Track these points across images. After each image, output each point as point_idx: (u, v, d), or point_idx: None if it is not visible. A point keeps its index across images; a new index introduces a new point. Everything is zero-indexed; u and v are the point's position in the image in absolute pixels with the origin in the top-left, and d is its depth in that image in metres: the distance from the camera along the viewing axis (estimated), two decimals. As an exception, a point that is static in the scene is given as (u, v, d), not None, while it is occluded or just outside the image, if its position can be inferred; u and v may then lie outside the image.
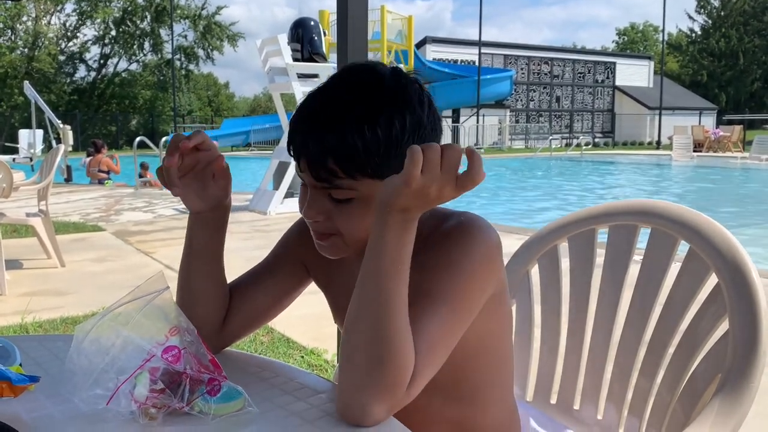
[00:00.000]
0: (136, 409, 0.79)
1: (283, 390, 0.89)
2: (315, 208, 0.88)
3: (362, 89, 0.86)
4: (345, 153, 0.83)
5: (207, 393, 0.80)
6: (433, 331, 0.82)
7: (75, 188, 12.29)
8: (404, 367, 0.77)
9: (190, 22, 41.63)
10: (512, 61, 34.64)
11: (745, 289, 1.02)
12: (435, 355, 0.82)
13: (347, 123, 0.83)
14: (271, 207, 8.08)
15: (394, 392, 0.77)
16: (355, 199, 0.86)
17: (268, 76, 8.99)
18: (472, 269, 0.86)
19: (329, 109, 0.85)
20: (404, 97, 0.86)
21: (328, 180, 0.85)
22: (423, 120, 0.86)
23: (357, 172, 0.84)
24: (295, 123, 0.88)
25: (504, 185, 14.61)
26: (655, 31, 65.04)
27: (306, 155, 0.86)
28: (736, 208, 10.47)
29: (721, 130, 26.84)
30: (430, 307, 0.83)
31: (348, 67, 0.90)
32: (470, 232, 0.88)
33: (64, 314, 3.66)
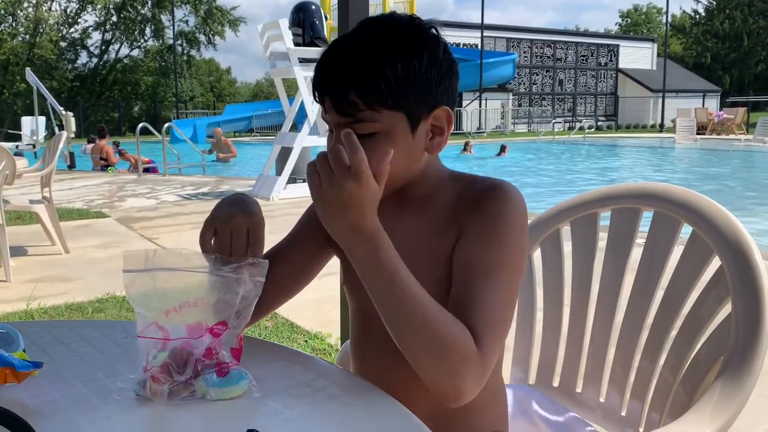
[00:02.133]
0: (147, 378, 0.80)
1: (287, 374, 0.90)
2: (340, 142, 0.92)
3: (381, 31, 0.91)
4: (366, 85, 0.87)
5: (215, 373, 0.81)
6: (493, 297, 0.87)
7: (78, 175, 12.30)
8: (460, 344, 0.82)
9: (191, 7, 41.34)
10: (515, 45, 34.39)
11: (748, 271, 1.02)
12: (499, 325, 0.87)
13: (367, 58, 0.88)
14: (273, 192, 8.07)
15: (467, 367, 0.82)
16: (378, 134, 0.90)
17: (269, 61, 8.94)
18: (516, 235, 0.91)
19: (350, 49, 0.90)
20: (421, 36, 0.91)
21: (351, 114, 0.89)
22: (438, 57, 0.91)
23: (378, 104, 0.88)
24: (318, 68, 0.92)
25: (505, 168, 14.58)
26: (658, 13, 64.46)
27: (329, 92, 0.90)
28: (739, 191, 10.44)
29: (725, 112, 26.67)
30: (486, 281, 0.88)
31: (368, 18, 0.95)
32: (506, 198, 0.93)
33: (69, 300, 3.68)
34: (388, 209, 1.00)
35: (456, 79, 0.95)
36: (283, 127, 9.03)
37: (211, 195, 8.84)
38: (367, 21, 0.94)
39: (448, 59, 0.93)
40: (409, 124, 0.90)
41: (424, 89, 0.90)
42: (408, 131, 0.91)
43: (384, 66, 0.87)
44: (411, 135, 0.91)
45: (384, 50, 0.88)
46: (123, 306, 3.55)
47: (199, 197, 8.63)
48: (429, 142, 0.94)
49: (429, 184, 0.99)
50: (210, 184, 10.09)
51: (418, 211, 0.99)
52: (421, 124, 0.92)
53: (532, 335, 1.38)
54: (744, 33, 49.52)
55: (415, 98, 0.89)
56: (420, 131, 0.92)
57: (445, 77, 0.92)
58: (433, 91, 0.91)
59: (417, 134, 0.92)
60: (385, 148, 0.88)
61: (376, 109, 0.88)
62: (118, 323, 1.15)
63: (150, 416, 0.78)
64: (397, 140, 0.90)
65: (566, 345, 1.33)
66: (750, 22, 49.40)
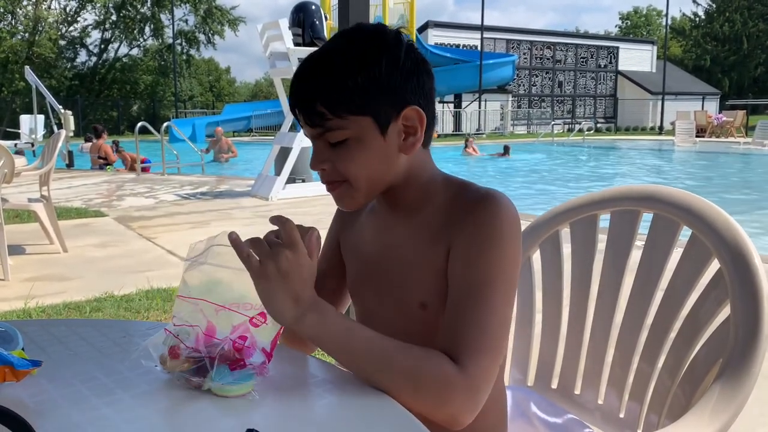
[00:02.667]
0: (166, 352, 0.83)
1: (286, 374, 0.90)
2: (318, 158, 0.95)
3: (345, 42, 0.94)
4: (329, 94, 0.90)
5: (228, 367, 0.82)
6: (482, 314, 0.87)
7: (77, 173, 12.29)
8: (436, 372, 0.84)
9: (191, 6, 41.33)
10: (514, 46, 34.41)
11: (747, 274, 1.02)
12: (490, 335, 0.87)
13: (329, 68, 0.91)
14: (273, 192, 8.07)
15: (452, 391, 0.83)
16: (349, 140, 0.92)
17: (269, 61, 8.94)
18: (507, 250, 0.91)
19: (316, 63, 0.93)
20: (381, 41, 0.93)
21: (321, 124, 0.92)
22: (400, 58, 0.92)
23: (343, 111, 0.90)
24: (291, 84, 0.96)
25: (505, 169, 14.58)
26: (658, 16, 64.54)
27: (298, 105, 0.93)
28: (738, 194, 10.45)
29: (724, 115, 26.71)
30: (476, 300, 0.88)
31: (338, 32, 0.99)
32: (497, 211, 0.92)
33: (67, 299, 3.67)
34: (382, 216, 1.03)
35: (427, 76, 0.96)
36: (283, 127, 9.03)
37: (209, 194, 8.83)
38: (335, 35, 0.97)
39: (413, 59, 0.94)
40: (378, 127, 0.92)
41: (388, 91, 0.91)
42: (378, 134, 0.92)
43: (345, 74, 0.89)
44: (382, 137, 0.92)
45: (345, 59, 0.90)
46: (121, 305, 3.55)
47: (198, 197, 8.63)
48: (402, 143, 0.95)
49: (420, 188, 0.99)
50: (209, 184, 10.08)
51: (409, 218, 1.00)
52: (391, 125, 0.93)
53: (531, 337, 1.39)
54: (744, 36, 49.58)
55: (380, 101, 0.91)
56: (391, 133, 0.93)
57: (411, 77, 0.93)
58: (399, 91, 0.92)
59: (388, 136, 0.93)
60: (358, 152, 0.92)
61: (343, 116, 0.90)
62: (116, 322, 1.15)
63: (148, 415, 0.78)
64: (369, 144, 0.92)
65: (565, 347, 1.33)
66: (750, 25, 49.46)
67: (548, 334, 1.36)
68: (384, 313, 1.01)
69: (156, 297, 3.70)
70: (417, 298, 0.97)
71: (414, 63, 0.94)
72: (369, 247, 1.06)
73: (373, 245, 1.05)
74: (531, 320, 1.38)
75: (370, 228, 1.06)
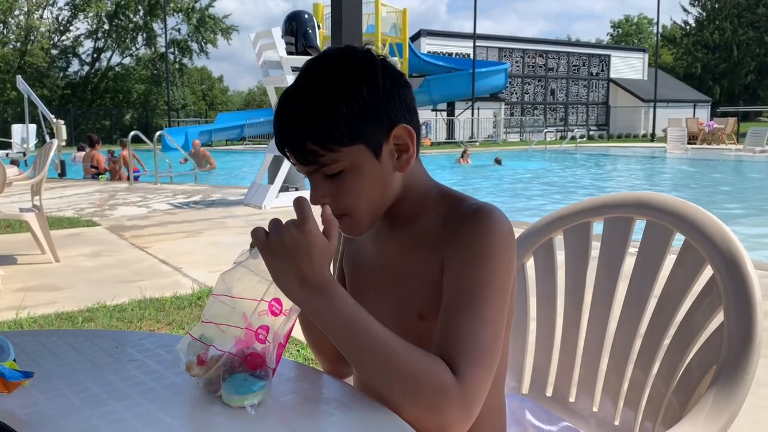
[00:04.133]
0: (193, 359, 0.83)
1: (281, 384, 0.89)
2: (318, 192, 0.94)
3: (315, 72, 0.93)
4: (317, 132, 0.89)
5: (245, 367, 0.82)
6: (475, 325, 0.87)
7: (69, 183, 12.24)
8: (433, 378, 0.82)
9: (184, 15, 41.42)
10: (507, 54, 34.58)
11: (740, 280, 1.02)
12: (483, 355, 0.86)
13: (310, 106, 0.90)
14: (266, 201, 8.06)
15: (446, 400, 0.82)
16: (346, 170, 0.92)
17: (262, 69, 8.95)
18: (500, 264, 0.91)
19: (293, 99, 0.92)
20: (354, 68, 0.92)
21: (314, 161, 0.91)
22: (378, 81, 0.92)
23: (334, 145, 0.90)
24: (274, 123, 0.95)
25: (498, 178, 14.61)
26: (649, 24, 65.04)
27: (288, 145, 0.93)
28: (730, 200, 10.51)
29: (716, 122, 26.88)
30: (468, 303, 0.88)
31: (307, 62, 0.97)
32: (490, 225, 0.92)
33: (59, 309, 3.65)
34: (380, 227, 1.03)
35: (406, 89, 0.96)
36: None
37: (202, 203, 8.81)
38: (305, 67, 0.95)
39: (390, 77, 0.94)
40: (371, 152, 0.92)
41: (374, 116, 0.91)
42: (373, 159, 0.92)
43: (329, 107, 0.88)
44: (377, 161, 0.93)
45: (324, 94, 0.90)
46: (113, 315, 3.53)
47: (191, 206, 8.61)
48: (396, 162, 0.95)
49: (415, 201, 0.99)
50: (201, 193, 10.06)
51: (406, 230, 1.00)
52: (383, 147, 0.93)
53: (526, 344, 1.38)
54: (734, 44, 50.00)
55: (369, 127, 0.91)
56: (384, 155, 0.93)
57: (392, 95, 0.93)
58: (384, 113, 0.92)
59: (383, 158, 0.93)
60: (356, 181, 0.92)
61: (335, 150, 0.90)
62: (108, 333, 1.14)
63: (141, 425, 0.77)
64: (366, 171, 0.92)
65: (559, 354, 1.33)
66: (739, 33, 49.89)
67: (543, 341, 1.36)
68: (382, 323, 1.01)
69: (149, 307, 3.68)
70: (415, 309, 0.97)
71: (392, 81, 0.94)
72: (368, 258, 1.07)
73: (372, 256, 1.06)
74: (525, 328, 1.38)
75: (370, 239, 1.06)
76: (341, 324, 0.83)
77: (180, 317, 3.50)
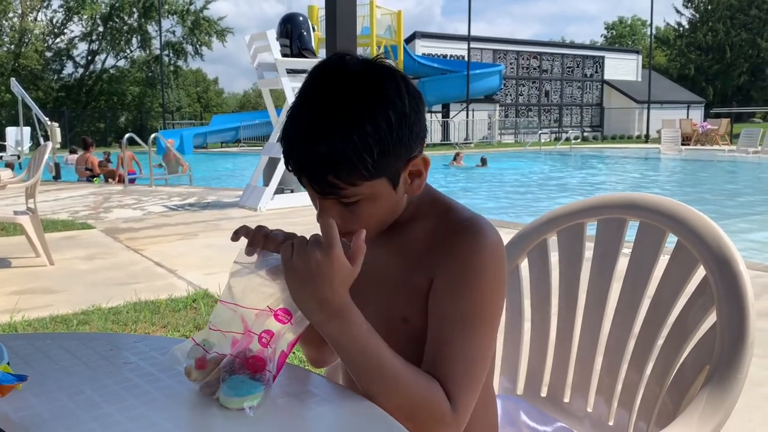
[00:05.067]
0: (191, 364, 0.83)
1: (273, 385, 0.89)
2: (327, 214, 0.91)
3: (342, 98, 0.86)
4: (341, 166, 0.85)
5: (245, 369, 0.82)
6: (467, 352, 0.88)
7: (63, 186, 12.20)
8: (434, 406, 0.85)
9: (178, 18, 41.36)
10: (501, 56, 34.62)
11: (732, 281, 1.03)
12: (473, 379, 0.89)
13: (336, 137, 0.84)
14: (261, 203, 8.06)
15: (441, 428, 0.86)
16: (363, 200, 0.90)
17: (257, 71, 8.95)
18: (490, 283, 0.91)
19: (316, 123, 0.85)
20: (382, 93, 0.86)
21: (333, 192, 0.88)
22: (406, 109, 0.87)
23: (358, 180, 0.86)
24: (287, 141, 0.89)
25: (493, 178, 14.63)
26: (643, 25, 65.18)
27: (305, 173, 0.88)
28: (724, 201, 10.54)
29: (709, 123, 26.99)
30: (460, 330, 0.89)
31: (322, 73, 0.89)
32: (479, 241, 0.91)
33: (54, 312, 3.64)
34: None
35: (424, 112, 0.93)
36: (271, 138, 9.03)
37: (197, 206, 8.80)
38: (323, 79, 0.88)
39: (414, 103, 0.89)
40: (391, 184, 0.90)
41: (398, 149, 0.88)
42: (391, 189, 0.91)
43: (353, 142, 0.83)
44: (394, 191, 0.91)
45: (351, 124, 0.83)
46: (108, 318, 3.52)
47: (186, 208, 8.59)
48: (409, 186, 0.94)
49: (411, 207, 0.99)
50: (196, 195, 10.04)
51: (395, 237, 0.99)
52: (401, 177, 0.91)
53: (520, 345, 1.39)
54: (726, 45, 50.20)
55: (393, 161, 0.88)
56: (401, 183, 0.92)
57: (416, 125, 0.89)
58: (407, 144, 0.89)
59: (399, 187, 0.92)
60: (371, 210, 0.91)
61: (357, 184, 0.87)
62: (103, 335, 1.14)
63: (136, 428, 0.77)
64: (382, 200, 0.91)
65: (554, 355, 1.33)
66: (732, 35, 50.10)
67: (537, 342, 1.36)
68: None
69: (144, 309, 3.67)
70: (399, 313, 0.97)
71: (416, 107, 0.89)
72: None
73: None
74: (520, 329, 1.38)
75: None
76: (355, 349, 0.84)
77: (175, 320, 3.49)
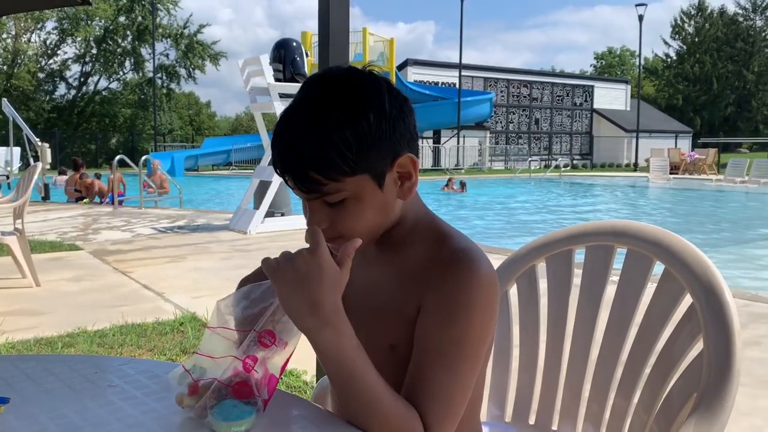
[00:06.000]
0: (184, 391, 0.83)
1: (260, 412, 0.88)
2: (316, 217, 0.92)
3: (318, 95, 0.90)
4: (321, 161, 0.86)
5: (232, 395, 0.82)
6: (446, 386, 0.88)
7: (52, 206, 12.13)
8: (404, 424, 0.85)
9: (172, 41, 41.57)
10: (492, 84, 34.99)
11: (718, 309, 1.03)
12: (452, 411, 0.88)
13: (316, 134, 0.86)
14: (251, 226, 8.03)
15: None
16: (348, 199, 0.90)
17: (249, 95, 8.99)
18: (479, 318, 0.90)
19: (298, 124, 0.89)
20: (362, 94, 0.89)
21: (316, 189, 0.88)
22: (385, 106, 0.89)
23: (338, 175, 0.87)
24: (273, 144, 0.92)
25: (483, 205, 14.68)
26: (631, 56, 66.14)
27: (289, 172, 0.89)
28: (711, 230, 10.62)
29: (697, 152, 27.29)
30: (441, 363, 0.88)
31: (307, 81, 0.94)
32: (471, 274, 0.90)
33: (38, 334, 3.59)
34: (367, 251, 1.00)
35: (410, 116, 0.94)
36: (262, 161, 9.03)
37: (187, 228, 8.76)
38: (306, 87, 0.92)
39: (398, 104, 0.91)
40: (375, 182, 0.90)
41: (379, 146, 0.88)
42: (376, 187, 0.90)
43: (333, 136, 0.85)
44: (380, 190, 0.91)
45: (330, 120, 0.86)
46: (94, 341, 3.48)
47: (175, 230, 8.55)
48: (399, 189, 0.94)
49: (407, 228, 0.98)
50: (186, 218, 10.01)
51: (391, 259, 0.98)
52: (386, 176, 0.91)
53: (509, 372, 1.38)
54: (713, 77, 51.05)
55: (374, 157, 0.88)
56: (388, 183, 0.92)
57: (398, 124, 0.91)
58: (389, 142, 0.89)
59: (386, 187, 0.91)
60: (358, 210, 0.90)
61: (339, 179, 0.87)
62: (88, 358, 1.13)
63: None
64: (368, 200, 0.90)
65: (542, 382, 1.33)
66: (719, 67, 50.98)
67: (525, 369, 1.36)
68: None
69: (130, 332, 3.63)
70: (387, 340, 0.96)
71: (398, 107, 0.91)
72: (349, 279, 1.05)
73: (353, 278, 1.03)
74: (509, 355, 1.38)
75: (356, 258, 1.01)
76: (344, 364, 0.84)
77: (162, 343, 3.46)
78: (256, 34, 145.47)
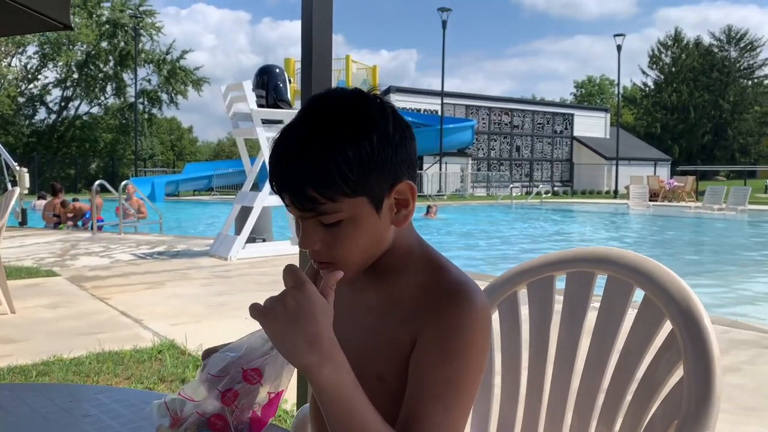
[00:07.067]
0: (163, 424, 0.82)
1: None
2: (309, 238, 0.90)
3: (326, 116, 0.89)
4: (321, 179, 0.85)
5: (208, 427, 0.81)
6: (443, 422, 0.86)
7: (30, 232, 11.97)
8: None
9: (155, 66, 41.58)
10: (474, 111, 35.39)
11: (698, 336, 1.04)
12: None
13: (318, 151, 0.85)
14: (232, 252, 7.98)
15: None
16: (344, 221, 0.88)
17: (232, 121, 9.00)
18: (474, 355, 0.89)
19: (300, 141, 0.87)
20: (366, 115, 0.88)
21: (313, 208, 0.87)
22: (389, 129, 0.89)
23: (337, 195, 0.86)
24: (272, 161, 0.90)
25: (465, 231, 14.74)
26: (611, 85, 67.38)
27: (286, 189, 0.88)
28: (689, 256, 10.74)
29: (675, 180, 27.72)
30: (435, 406, 0.86)
31: (312, 99, 0.93)
32: (467, 309, 0.89)
33: (12, 363, 3.52)
34: (359, 278, 0.98)
35: (411, 142, 0.93)
36: (244, 187, 9.02)
37: (166, 254, 8.68)
38: (310, 104, 0.91)
39: (400, 129, 0.91)
40: (373, 206, 0.89)
41: (381, 169, 0.88)
42: (373, 212, 0.89)
43: (335, 155, 0.84)
44: (377, 215, 0.89)
45: (332, 139, 0.85)
46: (70, 369, 3.41)
47: (155, 256, 8.47)
48: (395, 216, 0.92)
49: (399, 256, 0.96)
50: (166, 243, 9.92)
51: (382, 285, 0.97)
52: (384, 201, 0.90)
53: (491, 399, 1.37)
54: (690, 106, 52.09)
55: (374, 180, 0.87)
56: (384, 208, 0.90)
57: (400, 149, 0.90)
58: (391, 166, 0.89)
59: (382, 213, 0.90)
60: (353, 233, 0.89)
61: (337, 199, 0.86)
62: (63, 387, 1.10)
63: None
64: (364, 224, 0.89)
65: (524, 410, 1.32)
66: (696, 96, 52.07)
67: (507, 397, 1.35)
68: None
69: (107, 360, 3.57)
70: (375, 370, 0.93)
71: (401, 133, 0.91)
72: (340, 306, 1.00)
73: (342, 305, 0.98)
74: (490, 383, 1.37)
75: (347, 285, 0.98)
76: (342, 399, 0.81)
77: (139, 371, 3.40)
78: (239, 60, 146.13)
